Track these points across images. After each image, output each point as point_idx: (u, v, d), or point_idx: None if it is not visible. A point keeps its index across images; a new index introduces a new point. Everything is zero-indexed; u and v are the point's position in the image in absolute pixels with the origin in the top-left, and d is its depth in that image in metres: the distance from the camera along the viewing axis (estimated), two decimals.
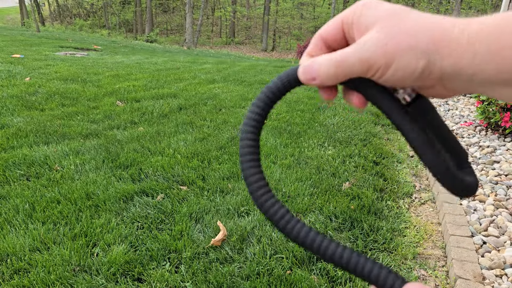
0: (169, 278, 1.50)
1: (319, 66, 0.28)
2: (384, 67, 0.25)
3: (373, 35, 0.26)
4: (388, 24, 0.25)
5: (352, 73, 0.27)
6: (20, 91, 4.25)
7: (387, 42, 0.25)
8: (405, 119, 0.29)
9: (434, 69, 0.24)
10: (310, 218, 1.94)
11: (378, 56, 0.25)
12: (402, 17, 0.25)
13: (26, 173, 2.34)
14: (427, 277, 1.62)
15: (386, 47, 0.25)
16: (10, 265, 1.55)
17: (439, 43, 0.24)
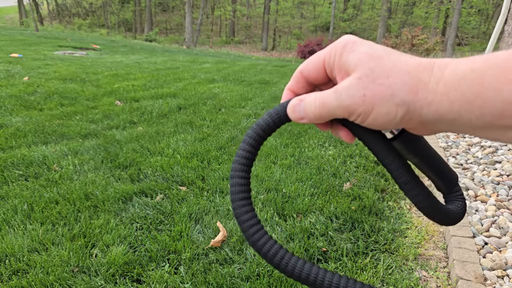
0: (168, 279, 1.49)
1: (305, 106, 0.29)
2: (364, 114, 0.26)
3: (352, 82, 0.26)
4: (366, 71, 0.26)
5: (336, 116, 0.28)
6: (19, 91, 4.23)
7: (365, 92, 0.25)
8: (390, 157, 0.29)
9: (414, 116, 0.25)
10: (311, 218, 1.93)
11: (357, 104, 0.26)
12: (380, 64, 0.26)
13: (24, 173, 2.33)
14: (428, 278, 1.61)
15: (365, 98, 0.26)
16: (8, 266, 1.53)
17: (417, 94, 0.24)
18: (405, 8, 28.51)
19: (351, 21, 26.93)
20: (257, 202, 2.07)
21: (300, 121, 0.30)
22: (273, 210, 1.99)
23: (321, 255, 1.67)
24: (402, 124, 0.26)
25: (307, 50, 14.48)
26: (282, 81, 5.82)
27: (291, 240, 1.75)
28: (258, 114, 3.82)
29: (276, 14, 26.94)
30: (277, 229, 1.83)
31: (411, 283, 1.55)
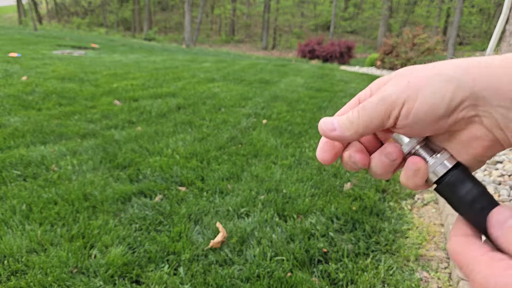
0: (167, 280, 1.48)
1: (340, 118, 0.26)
2: (409, 101, 0.23)
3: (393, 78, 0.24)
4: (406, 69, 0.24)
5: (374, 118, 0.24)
6: (17, 91, 4.21)
7: (410, 79, 0.23)
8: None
9: (465, 95, 0.22)
10: (311, 219, 1.91)
11: (401, 91, 0.23)
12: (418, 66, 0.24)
13: (23, 173, 2.31)
14: (430, 279, 1.60)
15: (409, 83, 0.23)
16: (7, 266, 1.52)
17: (467, 68, 0.22)
18: (406, 7, 28.49)
19: (352, 20, 26.90)
20: (257, 203, 2.05)
21: (332, 133, 0.26)
22: (274, 210, 1.98)
23: (321, 256, 1.66)
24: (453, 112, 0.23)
25: (308, 49, 14.44)
26: (283, 81, 5.81)
27: (291, 241, 1.74)
28: (258, 114, 3.81)
29: (276, 13, 26.90)
30: (277, 230, 1.81)
31: (412, 284, 1.54)
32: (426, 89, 0.23)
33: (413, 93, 0.23)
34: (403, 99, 0.23)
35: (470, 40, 25.69)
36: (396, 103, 0.24)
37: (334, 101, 4.47)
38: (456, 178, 0.24)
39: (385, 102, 0.24)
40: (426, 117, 0.23)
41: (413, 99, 0.23)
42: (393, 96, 0.24)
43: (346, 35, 27.54)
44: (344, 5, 29.21)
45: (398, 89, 0.24)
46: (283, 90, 5.00)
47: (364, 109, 0.25)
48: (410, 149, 0.26)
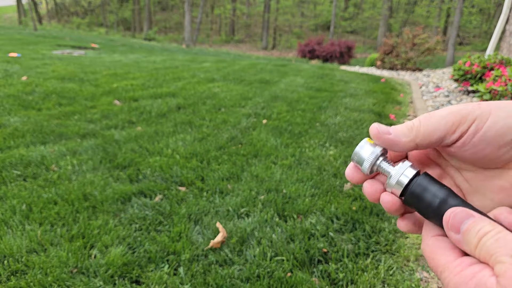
0: (167, 280, 1.48)
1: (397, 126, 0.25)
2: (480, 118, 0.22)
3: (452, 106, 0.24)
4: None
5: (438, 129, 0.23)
6: (17, 91, 4.21)
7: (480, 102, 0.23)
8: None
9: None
10: (311, 219, 1.91)
11: (471, 109, 0.22)
12: None
13: (23, 173, 2.31)
14: (430, 279, 1.60)
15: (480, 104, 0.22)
16: (7, 266, 1.52)
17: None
18: (406, 7, 28.48)
19: (352, 20, 26.89)
20: (257, 203, 2.05)
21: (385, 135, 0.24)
22: (274, 210, 1.98)
23: (321, 256, 1.66)
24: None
25: (308, 49, 14.43)
26: (283, 81, 5.81)
27: (291, 241, 1.74)
28: (258, 114, 3.81)
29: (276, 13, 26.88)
30: (278, 230, 1.81)
31: (412, 284, 1.53)
32: (500, 110, 0.22)
33: (486, 113, 0.22)
34: (475, 115, 0.22)
35: (470, 40, 25.69)
36: (467, 118, 0.23)
37: (334, 101, 4.47)
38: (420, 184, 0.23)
39: (456, 114, 0.23)
40: (494, 139, 0.22)
41: (485, 118, 0.22)
42: (464, 111, 0.23)
43: (346, 35, 27.53)
44: (344, 5, 29.20)
45: (469, 106, 0.23)
46: (283, 90, 5.00)
47: (429, 118, 0.24)
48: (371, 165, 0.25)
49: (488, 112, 0.22)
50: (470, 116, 0.23)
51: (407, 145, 0.24)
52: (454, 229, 0.21)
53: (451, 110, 0.23)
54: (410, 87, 5.82)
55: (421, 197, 0.23)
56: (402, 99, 4.93)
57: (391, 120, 3.84)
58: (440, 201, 0.23)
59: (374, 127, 0.25)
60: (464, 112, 0.23)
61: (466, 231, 0.21)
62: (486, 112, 0.22)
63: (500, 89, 3.04)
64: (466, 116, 0.23)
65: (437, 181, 0.24)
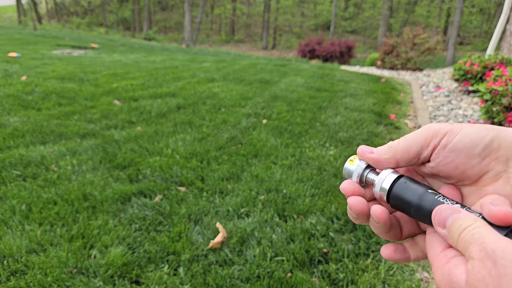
0: (167, 280, 1.48)
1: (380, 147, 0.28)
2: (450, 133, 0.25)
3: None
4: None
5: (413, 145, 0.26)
6: (17, 91, 4.21)
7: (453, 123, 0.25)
8: None
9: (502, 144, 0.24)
10: (311, 219, 1.91)
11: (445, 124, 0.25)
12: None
13: (22, 173, 2.31)
14: (430, 279, 1.60)
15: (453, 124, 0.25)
16: (6, 266, 1.52)
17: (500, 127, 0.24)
18: (406, 7, 28.48)
19: (352, 20, 26.88)
20: (257, 203, 2.05)
21: (369, 154, 0.28)
22: (274, 210, 1.98)
23: (322, 256, 1.65)
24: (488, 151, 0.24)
25: (308, 49, 14.42)
26: (283, 80, 5.80)
27: (291, 241, 1.74)
28: (258, 114, 3.80)
29: (276, 13, 26.88)
30: (278, 230, 1.81)
31: (412, 284, 1.53)
32: (470, 127, 0.25)
33: (457, 128, 0.25)
34: (446, 130, 0.25)
35: (470, 40, 25.68)
36: (439, 132, 0.25)
37: (334, 101, 4.46)
38: (400, 184, 0.25)
39: (428, 130, 0.26)
40: (462, 151, 0.24)
41: (456, 132, 0.25)
42: (437, 127, 0.26)
43: (346, 35, 27.52)
44: (344, 5, 29.19)
45: (442, 124, 0.26)
46: (283, 90, 5.00)
47: (405, 137, 0.27)
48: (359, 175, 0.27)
49: (460, 127, 0.25)
50: (441, 131, 0.25)
51: (388, 162, 0.27)
52: (441, 224, 0.22)
53: (426, 127, 0.26)
54: (410, 87, 5.81)
55: (402, 197, 0.25)
56: (403, 99, 4.92)
57: (391, 120, 3.83)
58: (419, 198, 0.24)
59: (360, 148, 0.29)
60: (437, 128, 0.26)
61: (450, 225, 0.22)
62: (458, 128, 0.25)
63: (501, 89, 3.03)
64: (438, 130, 0.25)
65: (416, 182, 0.25)
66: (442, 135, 0.25)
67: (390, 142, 0.28)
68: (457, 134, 0.25)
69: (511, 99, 2.93)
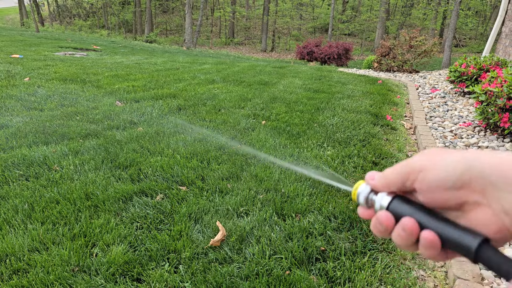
0: (168, 278, 1.50)
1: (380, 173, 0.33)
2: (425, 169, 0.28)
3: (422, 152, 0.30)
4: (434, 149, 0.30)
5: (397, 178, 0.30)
6: (20, 91, 4.25)
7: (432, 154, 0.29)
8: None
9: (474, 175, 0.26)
10: (309, 218, 1.94)
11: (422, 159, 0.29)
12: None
13: (25, 173, 2.34)
14: (426, 277, 1.62)
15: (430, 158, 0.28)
16: (9, 265, 1.54)
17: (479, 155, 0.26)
18: (403, 10, 28.58)
19: (349, 23, 26.98)
20: (256, 202, 2.08)
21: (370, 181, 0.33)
22: (272, 209, 2.00)
23: (319, 254, 1.68)
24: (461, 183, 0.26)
25: (306, 51, 14.47)
26: (281, 82, 5.84)
27: (290, 240, 1.77)
28: (257, 115, 3.84)
29: (275, 15, 26.97)
30: (276, 229, 1.84)
31: (408, 282, 1.56)
32: (441, 162, 0.27)
33: (431, 164, 0.28)
34: (421, 167, 0.28)
35: (466, 42, 25.76)
36: (415, 169, 0.29)
37: (332, 102, 4.50)
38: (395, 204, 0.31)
39: (407, 166, 0.30)
40: (437, 185, 0.28)
41: (430, 169, 0.28)
42: (415, 163, 0.29)
43: (344, 37, 27.59)
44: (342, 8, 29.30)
45: (420, 158, 0.29)
46: (281, 92, 5.03)
47: (394, 169, 0.31)
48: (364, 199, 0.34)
49: (433, 164, 0.28)
50: (417, 167, 0.29)
51: (383, 188, 0.32)
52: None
53: (408, 161, 0.30)
54: (406, 89, 5.85)
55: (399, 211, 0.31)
56: (399, 100, 4.96)
57: (388, 120, 3.87)
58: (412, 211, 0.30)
59: (366, 175, 0.34)
60: (414, 164, 0.29)
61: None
62: (432, 165, 0.28)
63: (496, 90, 3.07)
64: (415, 167, 0.29)
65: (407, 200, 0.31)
66: (418, 172, 0.29)
67: (386, 170, 0.32)
68: (429, 171, 0.28)
69: (506, 100, 2.96)
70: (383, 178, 0.32)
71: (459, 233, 0.27)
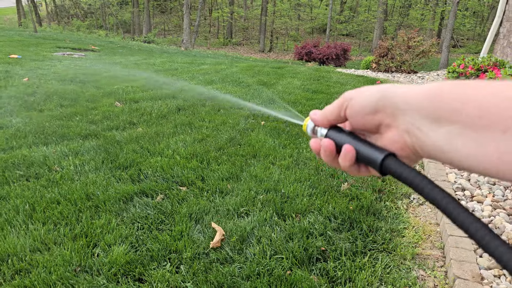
0: (170, 278, 1.51)
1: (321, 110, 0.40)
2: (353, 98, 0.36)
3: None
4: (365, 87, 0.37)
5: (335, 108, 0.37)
6: (19, 92, 4.24)
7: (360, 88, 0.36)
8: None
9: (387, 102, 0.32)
10: (309, 218, 1.95)
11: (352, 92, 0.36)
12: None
13: (25, 173, 2.34)
14: (426, 277, 1.64)
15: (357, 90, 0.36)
16: (11, 265, 1.54)
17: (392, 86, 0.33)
18: (401, 10, 28.70)
19: (347, 23, 27.05)
20: (257, 202, 2.09)
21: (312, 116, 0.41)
22: (272, 210, 2.01)
23: (320, 254, 1.69)
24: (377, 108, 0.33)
25: (304, 51, 14.50)
26: (280, 82, 5.86)
27: (290, 240, 1.78)
28: (256, 115, 3.85)
29: (273, 16, 27.00)
30: (276, 229, 1.85)
31: (409, 282, 1.57)
32: (364, 93, 0.35)
33: (357, 94, 0.35)
34: (351, 97, 0.36)
35: (464, 43, 25.89)
36: (347, 98, 0.36)
37: (330, 103, 4.46)
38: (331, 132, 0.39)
39: (341, 99, 0.37)
40: (359, 110, 0.35)
41: (356, 97, 0.35)
42: (347, 95, 0.36)
43: (342, 37, 27.66)
44: (339, 8, 29.38)
45: (351, 91, 0.36)
46: (280, 92, 5.05)
47: (331, 104, 0.38)
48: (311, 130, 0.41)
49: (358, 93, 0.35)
50: (348, 97, 0.36)
51: (325, 122, 0.39)
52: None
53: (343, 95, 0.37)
54: None
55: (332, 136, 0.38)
56: None
57: None
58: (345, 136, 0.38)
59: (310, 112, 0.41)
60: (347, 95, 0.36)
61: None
62: (357, 95, 0.35)
63: None
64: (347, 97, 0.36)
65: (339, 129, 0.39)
66: (349, 100, 0.36)
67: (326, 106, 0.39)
68: (355, 99, 0.35)
69: None
70: (322, 112, 0.39)
71: (371, 150, 0.34)
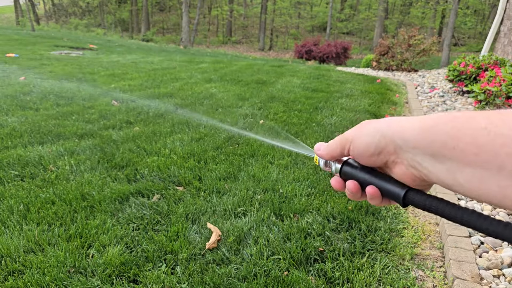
0: (165, 279, 1.49)
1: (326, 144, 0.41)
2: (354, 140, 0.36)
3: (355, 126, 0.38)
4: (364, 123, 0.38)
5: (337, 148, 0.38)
6: (15, 91, 4.21)
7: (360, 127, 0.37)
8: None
9: (388, 141, 0.34)
10: (308, 218, 1.93)
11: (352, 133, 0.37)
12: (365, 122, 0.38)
13: (20, 173, 2.31)
14: (425, 277, 1.62)
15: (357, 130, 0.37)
16: (4, 266, 1.52)
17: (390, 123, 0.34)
18: (402, 8, 28.64)
19: (348, 21, 27.00)
20: (254, 202, 2.07)
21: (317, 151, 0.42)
22: (270, 210, 1.99)
23: (318, 254, 1.67)
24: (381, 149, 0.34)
25: (304, 50, 14.46)
26: (279, 81, 5.83)
27: (288, 240, 1.76)
28: (255, 114, 3.82)
29: (273, 14, 26.94)
30: (274, 229, 1.83)
31: (407, 282, 1.55)
32: (363, 134, 0.35)
33: (356, 136, 0.36)
34: (351, 138, 0.37)
35: (465, 41, 25.85)
36: (347, 140, 0.37)
37: (330, 102, 4.49)
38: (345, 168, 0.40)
39: (343, 138, 0.38)
40: (363, 152, 0.36)
41: (356, 139, 0.36)
42: (347, 135, 0.37)
43: (342, 36, 27.62)
44: (340, 6, 29.30)
45: (351, 132, 0.37)
46: (279, 91, 5.02)
47: (334, 141, 0.39)
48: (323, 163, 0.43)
49: (358, 136, 0.36)
50: (349, 139, 0.37)
51: (327, 157, 0.40)
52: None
53: (343, 135, 0.38)
54: (405, 88, 5.86)
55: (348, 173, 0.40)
56: (398, 100, 4.96)
57: None
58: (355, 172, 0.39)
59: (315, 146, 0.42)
60: (347, 136, 0.37)
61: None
62: (358, 136, 0.36)
63: (494, 90, 3.07)
64: (347, 139, 0.37)
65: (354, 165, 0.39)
66: (349, 142, 0.37)
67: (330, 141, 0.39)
68: (356, 141, 0.36)
69: (504, 99, 2.97)
70: (326, 149, 0.40)
71: (392, 187, 0.36)
